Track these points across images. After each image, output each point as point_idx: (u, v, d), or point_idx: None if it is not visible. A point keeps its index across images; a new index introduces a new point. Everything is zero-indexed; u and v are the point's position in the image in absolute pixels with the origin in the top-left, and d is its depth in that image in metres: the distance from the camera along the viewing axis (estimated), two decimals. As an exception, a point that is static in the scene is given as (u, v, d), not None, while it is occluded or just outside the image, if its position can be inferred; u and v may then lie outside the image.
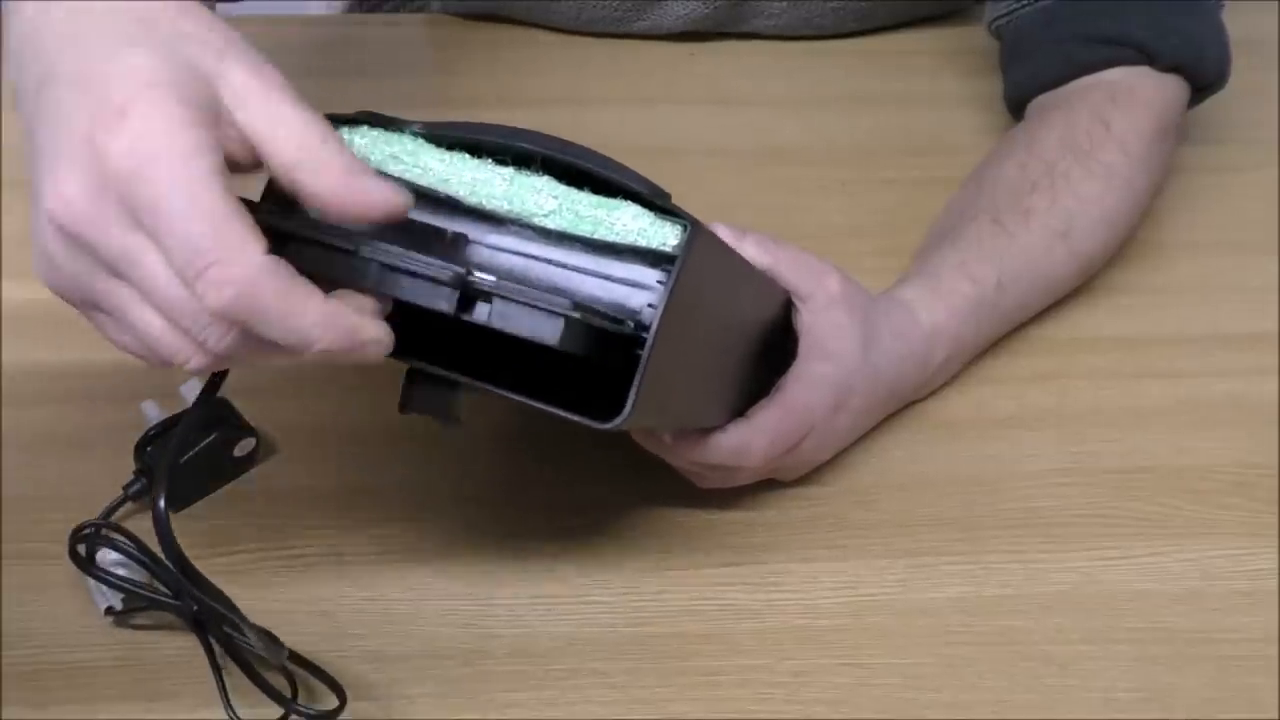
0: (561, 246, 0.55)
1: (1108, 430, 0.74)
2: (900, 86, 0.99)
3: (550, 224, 0.55)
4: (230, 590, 0.63)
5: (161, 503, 0.54)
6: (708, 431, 0.63)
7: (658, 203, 0.55)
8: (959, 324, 0.73)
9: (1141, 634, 0.64)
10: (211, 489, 0.67)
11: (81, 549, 0.61)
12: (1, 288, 0.79)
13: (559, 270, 0.55)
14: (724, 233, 0.66)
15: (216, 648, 0.60)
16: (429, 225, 0.55)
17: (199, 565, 0.64)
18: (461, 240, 0.56)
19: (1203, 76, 0.85)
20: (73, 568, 0.61)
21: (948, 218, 0.81)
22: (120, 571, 0.62)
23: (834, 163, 0.92)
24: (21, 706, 0.59)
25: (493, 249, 0.56)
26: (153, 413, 0.69)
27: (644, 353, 0.53)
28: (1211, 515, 0.69)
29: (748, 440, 0.64)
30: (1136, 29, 0.84)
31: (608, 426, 0.53)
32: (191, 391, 0.70)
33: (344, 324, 0.49)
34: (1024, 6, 0.89)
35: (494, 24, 1.03)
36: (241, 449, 0.68)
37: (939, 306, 0.73)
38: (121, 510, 0.66)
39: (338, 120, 0.57)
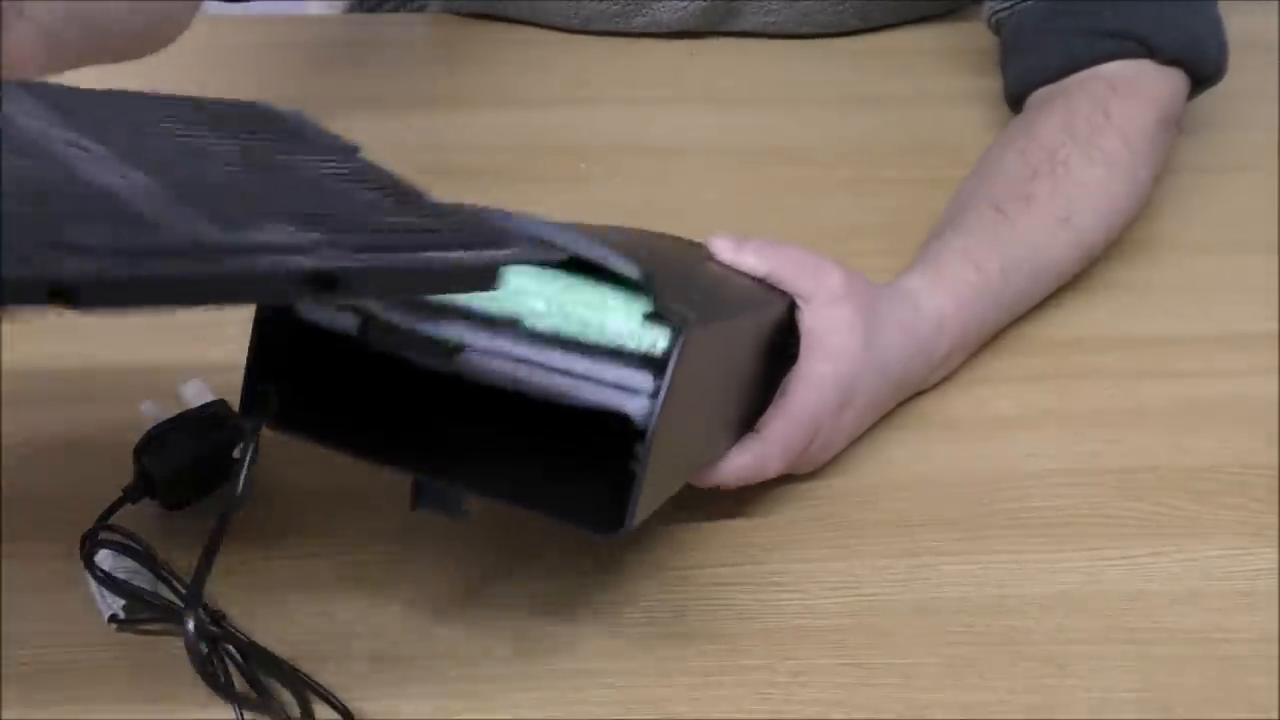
0: (553, 349, 0.55)
1: (1108, 430, 0.74)
2: (900, 86, 0.99)
3: (541, 326, 0.56)
4: (230, 591, 0.63)
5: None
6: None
7: (648, 286, 0.54)
8: (963, 312, 0.73)
9: (1141, 634, 0.64)
10: (211, 489, 0.67)
11: (86, 548, 0.62)
12: (1, 287, 0.79)
13: (551, 375, 0.55)
14: (722, 244, 0.66)
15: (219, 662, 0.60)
16: (426, 336, 0.55)
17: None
18: (458, 349, 0.57)
19: (1203, 69, 0.86)
20: (73, 568, 0.62)
21: (949, 210, 0.81)
22: (122, 577, 0.62)
23: (835, 162, 0.92)
24: (21, 706, 0.59)
25: (485, 354, 0.56)
26: (152, 413, 0.69)
27: (639, 464, 0.53)
28: (1211, 515, 0.69)
29: (760, 458, 0.64)
30: (1138, 22, 0.84)
31: (610, 538, 0.54)
32: (191, 392, 0.70)
33: None
34: (1024, 0, 0.90)
35: (493, 23, 1.03)
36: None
37: (943, 294, 0.73)
38: (120, 513, 0.66)
39: None
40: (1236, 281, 0.83)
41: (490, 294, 0.55)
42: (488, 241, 0.51)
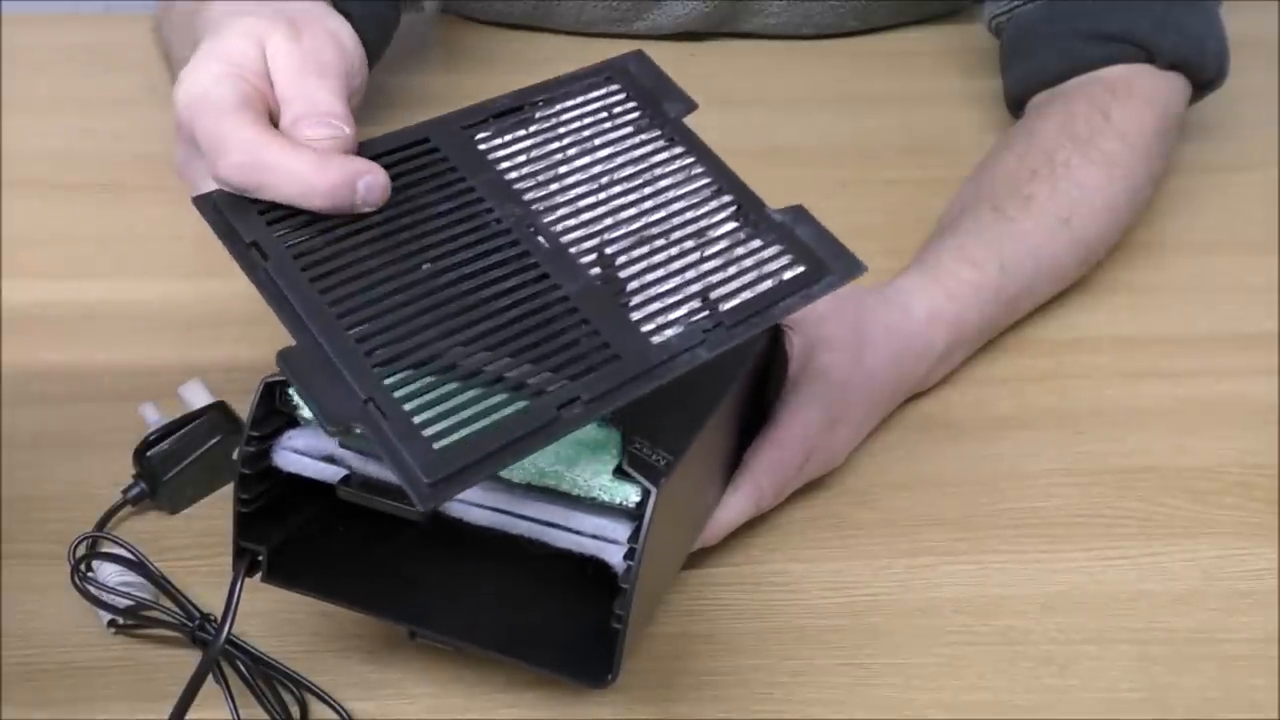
0: (530, 499, 0.56)
1: (1108, 430, 0.74)
2: (900, 86, 0.99)
3: (515, 478, 0.56)
4: (230, 591, 0.63)
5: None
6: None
7: (621, 441, 0.54)
8: (959, 309, 0.73)
9: (1141, 634, 0.64)
10: (211, 489, 0.67)
11: (83, 566, 0.62)
12: (1, 288, 0.79)
13: (529, 524, 0.56)
14: None
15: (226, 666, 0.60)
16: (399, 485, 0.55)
17: (199, 565, 0.64)
18: None
19: (1203, 74, 0.85)
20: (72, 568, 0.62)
21: (948, 214, 0.81)
22: (119, 581, 0.62)
23: (834, 163, 0.92)
24: (21, 706, 0.59)
25: (464, 504, 0.56)
26: (152, 416, 0.69)
27: (621, 622, 0.53)
28: (1211, 515, 0.69)
29: (754, 496, 0.64)
30: (1137, 26, 0.84)
31: (599, 686, 0.54)
32: (190, 393, 0.70)
33: (339, 167, 0.54)
34: (1023, 3, 0.90)
35: (494, 25, 1.03)
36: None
37: (937, 292, 0.73)
38: (119, 515, 0.66)
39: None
40: (1237, 281, 0.83)
41: None
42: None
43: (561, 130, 0.60)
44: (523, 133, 0.60)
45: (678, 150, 0.61)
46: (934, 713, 0.61)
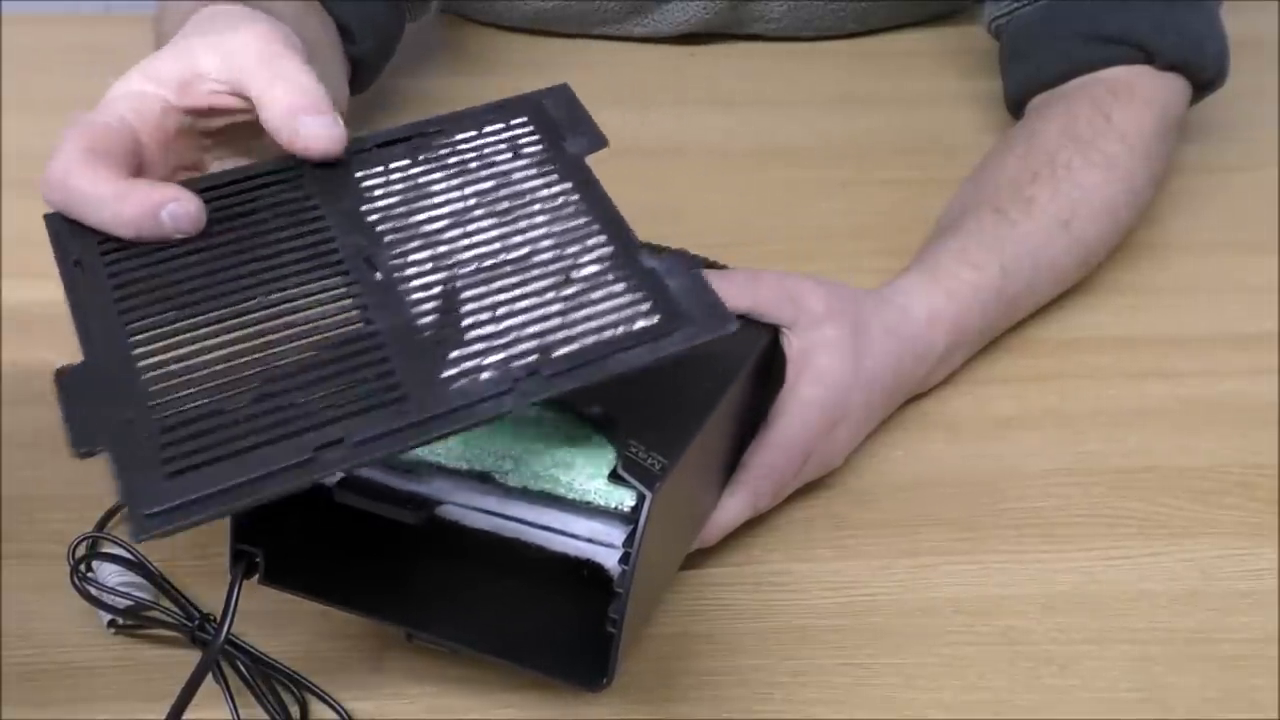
0: (525, 502, 0.56)
1: (1108, 430, 0.74)
2: (900, 86, 0.99)
3: (511, 482, 0.56)
4: (229, 591, 0.63)
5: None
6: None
7: (616, 445, 0.54)
8: (959, 309, 0.73)
9: (1141, 634, 0.64)
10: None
11: (83, 566, 0.61)
12: (1, 288, 0.79)
13: (525, 528, 0.56)
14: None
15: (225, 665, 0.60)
16: (397, 489, 0.55)
17: (199, 566, 0.64)
18: (430, 504, 0.57)
19: (1202, 74, 0.85)
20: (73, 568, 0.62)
21: (948, 215, 0.81)
22: (119, 581, 0.62)
23: (834, 163, 0.92)
24: (21, 706, 0.59)
25: (461, 507, 0.57)
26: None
27: (616, 626, 0.53)
28: (1211, 515, 0.69)
29: (751, 497, 0.64)
30: (1137, 27, 0.84)
31: (595, 688, 0.54)
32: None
33: (140, 197, 0.54)
34: (1023, 5, 0.90)
35: (495, 27, 1.03)
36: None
37: (937, 293, 0.73)
38: (120, 514, 0.66)
39: None
40: (1237, 281, 0.83)
41: (459, 451, 0.56)
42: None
43: (451, 160, 0.57)
44: (407, 160, 0.57)
45: (566, 185, 0.57)
46: (934, 713, 0.61)
